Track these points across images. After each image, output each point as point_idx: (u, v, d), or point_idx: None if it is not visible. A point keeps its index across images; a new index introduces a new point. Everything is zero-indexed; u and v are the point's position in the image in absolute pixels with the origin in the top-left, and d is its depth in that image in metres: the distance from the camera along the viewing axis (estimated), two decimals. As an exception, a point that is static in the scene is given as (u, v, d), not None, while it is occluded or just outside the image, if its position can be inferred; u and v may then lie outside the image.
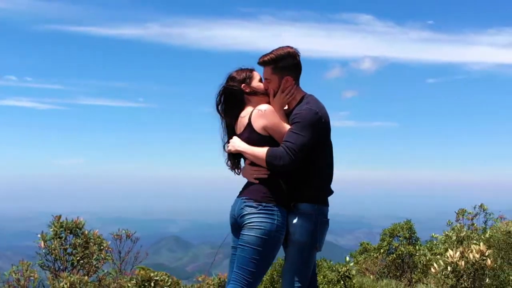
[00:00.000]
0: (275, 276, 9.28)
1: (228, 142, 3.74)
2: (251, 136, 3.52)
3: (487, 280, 6.21)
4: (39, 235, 5.75)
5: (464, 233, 10.65)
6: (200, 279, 6.28)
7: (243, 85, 3.64)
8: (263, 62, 3.63)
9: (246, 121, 3.57)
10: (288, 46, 3.63)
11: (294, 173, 3.48)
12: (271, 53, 3.59)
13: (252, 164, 3.55)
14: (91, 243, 5.71)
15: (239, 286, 3.41)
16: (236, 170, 3.80)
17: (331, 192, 3.68)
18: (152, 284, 5.15)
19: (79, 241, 5.74)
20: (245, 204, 3.48)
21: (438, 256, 11.85)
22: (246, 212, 3.45)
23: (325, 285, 9.16)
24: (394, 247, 12.11)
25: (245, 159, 3.65)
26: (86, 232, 5.90)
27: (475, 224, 12.49)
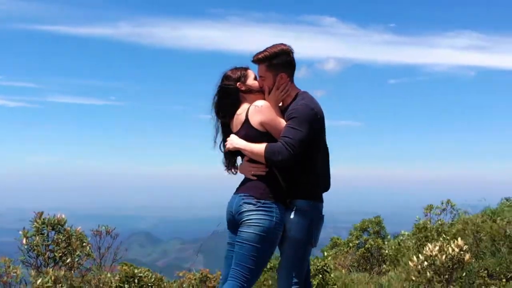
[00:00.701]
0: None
1: (224, 141, 3.69)
2: (249, 132, 3.47)
3: (464, 274, 6.29)
4: (20, 232, 5.61)
5: (433, 227, 10.83)
6: (180, 274, 6.22)
7: (238, 83, 3.62)
8: (257, 60, 3.60)
9: (243, 118, 3.53)
10: (282, 44, 3.61)
11: (290, 170, 3.44)
12: (265, 50, 3.56)
13: (251, 161, 3.50)
14: (73, 239, 5.60)
15: (238, 283, 3.36)
16: (232, 169, 3.76)
17: (326, 188, 3.66)
18: (136, 281, 5.07)
19: (61, 237, 5.62)
20: (243, 201, 3.44)
21: (405, 250, 12.05)
22: (245, 209, 3.40)
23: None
24: (363, 241, 12.22)
25: (243, 156, 3.60)
26: (69, 228, 5.79)
27: (442, 219, 12.72)
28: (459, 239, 6.33)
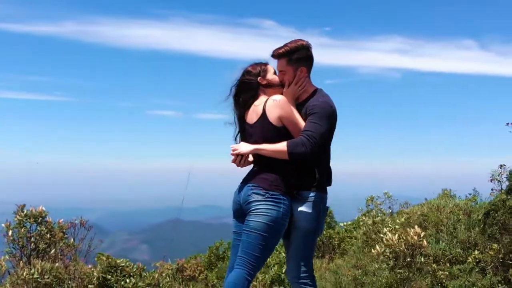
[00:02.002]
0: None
1: (239, 133, 3.67)
2: (265, 126, 3.44)
3: (422, 259, 6.44)
4: (3, 225, 5.41)
5: (379, 217, 11.08)
6: (158, 264, 6.12)
7: (259, 78, 3.58)
8: (278, 55, 3.58)
9: (260, 110, 3.48)
10: (301, 39, 3.61)
11: (299, 163, 3.43)
12: (285, 45, 3.56)
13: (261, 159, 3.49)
14: (55, 231, 5.43)
15: (245, 270, 3.34)
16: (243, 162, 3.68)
17: (330, 181, 3.67)
18: (119, 271, 4.95)
19: (43, 229, 5.45)
20: (252, 191, 3.41)
21: (349, 239, 12.29)
22: (253, 199, 3.38)
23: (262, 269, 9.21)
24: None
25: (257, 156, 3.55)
26: (50, 220, 5.62)
27: (383, 209, 13.06)
28: (416, 226, 6.49)
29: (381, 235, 9.81)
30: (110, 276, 4.90)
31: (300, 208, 3.47)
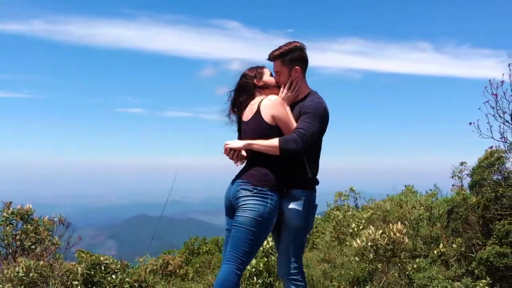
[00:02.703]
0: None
1: (241, 134, 3.71)
2: (258, 122, 3.49)
3: (402, 255, 6.55)
4: (-13, 223, 5.28)
5: (350, 211, 11.24)
6: (141, 259, 6.06)
7: (255, 80, 3.66)
8: (273, 57, 3.65)
9: (255, 108, 3.53)
10: (295, 41, 3.68)
11: (289, 162, 3.47)
12: (279, 48, 3.61)
13: (254, 154, 3.50)
14: (40, 229, 5.33)
15: (235, 265, 3.36)
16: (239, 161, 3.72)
17: (318, 180, 3.71)
18: (103, 268, 4.89)
19: (30, 227, 5.34)
20: (241, 187, 3.45)
21: (319, 233, 12.40)
22: (241, 195, 3.41)
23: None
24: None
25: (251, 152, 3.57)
26: (37, 218, 5.50)
27: (349, 204, 13.25)
28: (399, 223, 6.60)
29: (353, 229, 9.99)
30: (94, 273, 4.83)
31: (290, 206, 3.51)
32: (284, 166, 3.47)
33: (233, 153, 3.62)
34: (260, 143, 3.42)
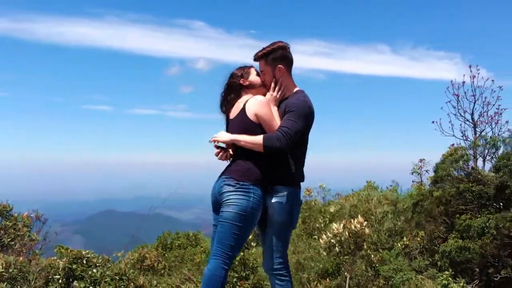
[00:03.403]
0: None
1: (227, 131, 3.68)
2: (243, 120, 3.50)
3: (365, 246, 6.65)
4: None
5: (321, 206, 11.38)
6: (119, 254, 5.99)
7: (241, 79, 3.66)
8: (257, 57, 3.66)
9: (241, 106, 3.55)
10: (279, 41, 3.68)
11: (272, 157, 3.48)
12: (263, 48, 3.63)
13: (241, 150, 3.52)
14: (19, 225, 5.20)
15: (221, 260, 3.36)
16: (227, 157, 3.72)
17: (303, 177, 3.72)
18: (85, 262, 4.82)
19: (8, 223, 5.20)
20: (224, 182, 3.44)
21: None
22: (225, 190, 3.41)
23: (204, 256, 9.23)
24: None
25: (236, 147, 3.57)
26: (16, 215, 5.37)
27: (318, 199, 13.41)
28: (359, 216, 6.69)
29: (320, 224, 10.10)
30: (75, 267, 4.76)
31: (274, 202, 3.50)
32: (267, 162, 3.48)
33: (222, 154, 3.64)
34: (245, 139, 3.43)
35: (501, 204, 7.69)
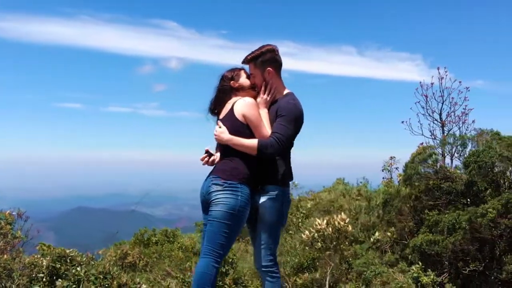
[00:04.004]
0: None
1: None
2: (232, 120, 3.51)
3: (346, 243, 6.71)
4: None
5: (292, 202, 11.44)
6: (100, 252, 5.90)
7: (231, 82, 3.66)
8: (246, 61, 3.67)
9: (229, 107, 3.57)
10: (268, 44, 3.69)
11: (262, 158, 3.49)
12: (252, 52, 3.63)
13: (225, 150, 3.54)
14: (2, 223, 5.08)
15: (212, 258, 3.36)
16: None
17: (292, 176, 3.73)
18: (68, 260, 4.74)
19: (-10, 222, 5.07)
20: (212, 182, 3.44)
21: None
22: (213, 190, 3.41)
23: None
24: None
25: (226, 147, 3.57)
26: (-1, 213, 5.25)
27: (292, 195, 13.48)
28: (342, 213, 6.76)
29: (297, 219, 10.15)
30: (59, 265, 4.68)
31: (265, 202, 3.51)
32: (255, 161, 3.50)
33: (207, 160, 3.66)
34: (240, 142, 3.44)
35: (469, 200, 7.87)
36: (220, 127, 3.54)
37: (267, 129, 3.50)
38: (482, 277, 6.89)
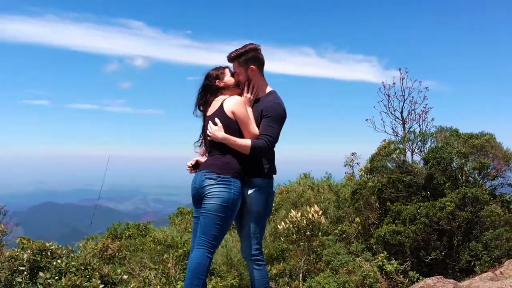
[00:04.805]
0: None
1: (205, 127, 3.71)
2: (221, 116, 3.53)
3: (320, 234, 6.78)
4: None
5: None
6: (80, 245, 5.77)
7: (217, 81, 3.68)
8: (230, 59, 3.70)
9: (218, 104, 3.60)
10: (250, 43, 3.72)
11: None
12: (236, 50, 3.66)
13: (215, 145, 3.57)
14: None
15: (206, 249, 3.38)
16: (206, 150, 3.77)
17: (276, 170, 3.76)
18: (49, 253, 4.64)
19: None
20: (205, 176, 3.47)
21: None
22: (207, 184, 3.43)
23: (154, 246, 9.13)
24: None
25: (218, 144, 3.57)
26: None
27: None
28: (315, 205, 6.82)
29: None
30: (40, 258, 4.57)
31: (251, 194, 3.56)
32: (242, 157, 3.54)
33: (192, 171, 3.73)
34: (235, 141, 3.48)
35: (429, 192, 8.08)
36: (215, 125, 3.56)
37: (254, 126, 3.53)
38: (442, 265, 7.09)
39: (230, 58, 3.69)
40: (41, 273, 4.26)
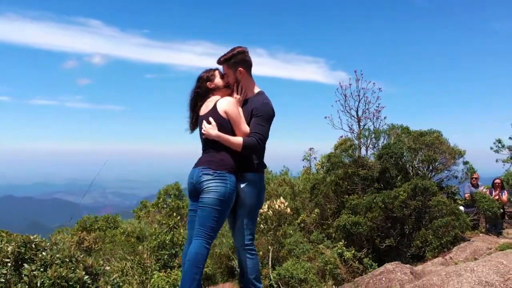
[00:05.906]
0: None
1: (192, 125, 3.78)
2: (215, 116, 3.57)
3: (286, 224, 6.89)
4: None
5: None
6: (58, 238, 5.66)
7: (208, 83, 3.72)
8: (219, 62, 3.73)
9: (211, 104, 3.63)
10: (239, 46, 3.76)
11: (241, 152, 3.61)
12: (225, 54, 3.69)
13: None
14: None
15: (204, 240, 3.43)
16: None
17: (265, 165, 3.82)
18: (34, 246, 4.53)
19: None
20: (202, 172, 3.51)
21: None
22: (204, 179, 3.48)
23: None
24: (167, 202, 12.40)
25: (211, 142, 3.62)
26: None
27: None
28: (281, 197, 6.93)
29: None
30: (24, 250, 4.47)
31: (244, 187, 3.61)
32: (236, 153, 3.61)
33: None
34: (228, 139, 3.55)
35: (382, 185, 8.40)
36: (209, 123, 3.60)
37: (245, 125, 3.62)
38: (395, 251, 7.40)
39: (220, 61, 3.74)
40: (26, 265, 4.18)
